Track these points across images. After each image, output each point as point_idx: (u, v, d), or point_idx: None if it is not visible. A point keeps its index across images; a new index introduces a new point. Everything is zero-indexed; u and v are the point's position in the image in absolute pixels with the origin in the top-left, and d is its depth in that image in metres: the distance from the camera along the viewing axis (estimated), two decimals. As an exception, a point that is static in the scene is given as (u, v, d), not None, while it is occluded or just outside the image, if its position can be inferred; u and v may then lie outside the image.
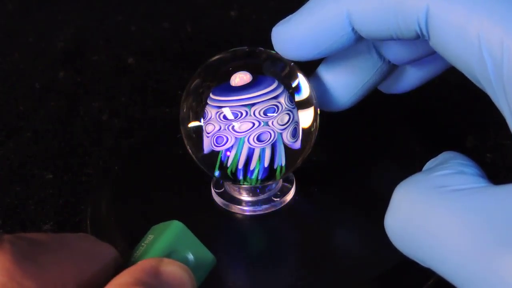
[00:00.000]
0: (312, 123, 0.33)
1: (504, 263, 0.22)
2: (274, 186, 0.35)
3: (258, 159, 0.32)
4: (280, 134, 0.32)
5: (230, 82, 0.32)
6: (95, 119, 0.45)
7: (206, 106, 0.32)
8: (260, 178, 0.32)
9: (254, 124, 0.31)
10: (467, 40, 0.25)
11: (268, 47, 0.32)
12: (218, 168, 0.32)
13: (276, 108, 0.31)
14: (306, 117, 0.32)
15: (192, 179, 0.36)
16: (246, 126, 0.31)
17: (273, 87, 0.32)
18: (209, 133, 0.32)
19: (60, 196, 0.40)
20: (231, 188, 0.35)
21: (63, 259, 0.23)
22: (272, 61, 0.32)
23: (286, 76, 0.32)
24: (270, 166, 0.32)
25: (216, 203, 0.35)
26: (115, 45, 0.52)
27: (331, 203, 0.35)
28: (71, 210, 0.39)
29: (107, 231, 0.35)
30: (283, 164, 0.32)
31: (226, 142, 0.32)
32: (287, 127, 0.32)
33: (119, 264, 0.25)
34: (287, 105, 0.32)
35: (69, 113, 0.46)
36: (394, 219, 0.26)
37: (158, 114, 0.45)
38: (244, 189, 0.35)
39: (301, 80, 0.32)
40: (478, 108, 0.43)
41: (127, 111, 0.46)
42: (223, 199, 0.35)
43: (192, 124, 0.32)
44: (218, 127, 0.31)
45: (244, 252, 0.34)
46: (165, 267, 0.24)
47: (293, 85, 0.32)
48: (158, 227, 0.26)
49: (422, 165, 0.28)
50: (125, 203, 0.36)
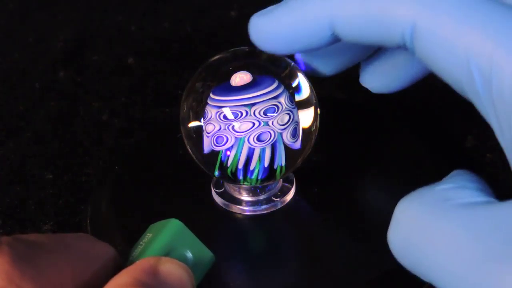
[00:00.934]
0: (312, 123, 0.33)
1: (503, 279, 0.22)
2: (274, 186, 0.35)
3: (258, 159, 0.32)
4: (280, 134, 0.32)
5: (230, 82, 0.32)
6: (95, 119, 0.45)
7: (206, 106, 0.32)
8: (260, 178, 0.32)
9: (254, 124, 0.31)
10: (455, 54, 0.24)
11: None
12: (218, 168, 0.32)
13: (276, 108, 0.31)
14: (306, 117, 0.32)
15: (192, 179, 0.36)
16: (246, 126, 0.31)
17: (273, 87, 0.32)
18: (209, 133, 0.32)
19: (60, 196, 0.40)
20: (231, 188, 0.35)
21: (61, 260, 0.23)
22: (272, 61, 0.32)
23: (286, 76, 0.32)
24: (270, 166, 0.32)
25: (216, 203, 0.35)
26: (115, 45, 0.52)
27: (331, 203, 0.35)
28: (71, 210, 0.39)
29: (107, 231, 0.35)
30: (283, 164, 0.32)
31: (226, 142, 0.31)
32: (287, 127, 0.32)
33: (118, 264, 0.25)
34: (287, 105, 0.32)
35: (69, 113, 0.46)
36: (396, 233, 0.25)
37: (158, 114, 0.45)
38: (244, 189, 0.35)
39: (301, 80, 0.32)
40: (478, 108, 0.43)
41: (127, 111, 0.46)
42: (223, 199, 0.35)
43: (192, 124, 0.32)
44: (218, 127, 0.31)
45: (244, 252, 0.34)
46: (164, 266, 0.24)
47: (293, 85, 0.32)
48: (156, 226, 0.26)
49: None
50: (125, 203, 0.36)
